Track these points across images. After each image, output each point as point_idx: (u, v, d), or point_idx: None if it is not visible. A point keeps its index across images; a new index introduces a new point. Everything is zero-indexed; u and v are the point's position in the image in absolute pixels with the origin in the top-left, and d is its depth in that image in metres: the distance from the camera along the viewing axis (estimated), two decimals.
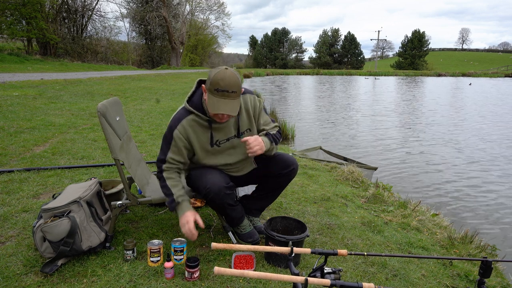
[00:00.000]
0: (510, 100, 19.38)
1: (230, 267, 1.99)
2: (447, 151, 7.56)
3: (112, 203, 2.10)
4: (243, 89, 2.04)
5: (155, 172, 2.73)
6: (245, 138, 1.96)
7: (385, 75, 57.82)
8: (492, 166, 6.50)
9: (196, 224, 1.96)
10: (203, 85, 1.94)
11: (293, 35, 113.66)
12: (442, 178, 5.75)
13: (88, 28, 31.49)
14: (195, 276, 1.84)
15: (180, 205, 1.98)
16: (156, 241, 1.98)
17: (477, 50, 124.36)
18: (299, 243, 2.04)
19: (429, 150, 7.62)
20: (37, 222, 1.92)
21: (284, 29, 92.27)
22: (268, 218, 2.32)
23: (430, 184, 5.46)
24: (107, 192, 2.43)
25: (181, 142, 1.99)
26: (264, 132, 2.14)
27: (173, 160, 2.02)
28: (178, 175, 2.07)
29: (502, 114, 13.47)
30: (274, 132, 2.17)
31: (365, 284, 1.39)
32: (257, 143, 1.95)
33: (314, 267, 1.58)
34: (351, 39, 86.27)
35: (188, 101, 2.02)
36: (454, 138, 8.89)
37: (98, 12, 31.86)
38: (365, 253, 1.67)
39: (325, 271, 1.54)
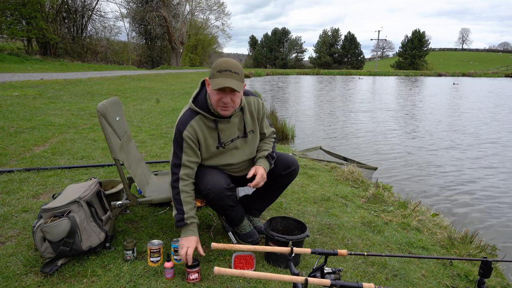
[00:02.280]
0: (509, 100, 19.39)
1: (230, 267, 1.99)
2: (447, 151, 7.56)
3: (112, 203, 2.10)
4: (245, 89, 2.05)
5: (156, 172, 2.74)
6: (254, 183, 2.02)
7: (385, 75, 57.84)
8: (492, 166, 6.49)
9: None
10: (206, 78, 1.94)
11: (293, 35, 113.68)
12: (442, 178, 5.75)
13: (88, 28, 31.54)
14: (191, 278, 1.82)
15: (188, 227, 1.93)
16: (156, 241, 1.98)
17: (477, 50, 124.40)
18: (299, 243, 2.04)
19: (429, 150, 7.62)
20: (37, 222, 1.92)
21: (284, 29, 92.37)
22: (268, 218, 2.32)
23: (430, 184, 5.46)
24: (107, 192, 2.43)
25: (193, 143, 1.97)
26: (265, 154, 2.15)
27: (189, 162, 1.97)
28: (192, 187, 2.01)
29: (502, 115, 13.47)
30: (271, 149, 2.20)
31: (365, 284, 1.39)
32: (263, 179, 2.04)
33: (314, 267, 1.58)
34: (351, 39, 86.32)
35: (193, 102, 2.01)
36: (454, 138, 8.89)
37: (98, 12, 31.91)
38: (365, 253, 1.67)
39: (325, 271, 1.54)
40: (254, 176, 2.05)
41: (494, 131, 9.89)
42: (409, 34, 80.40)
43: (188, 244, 1.86)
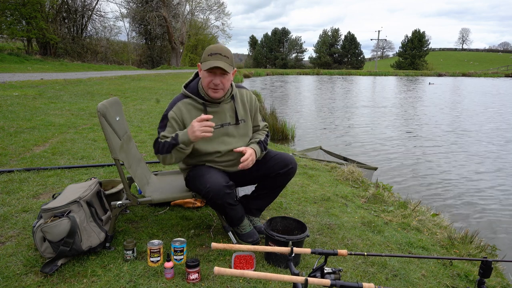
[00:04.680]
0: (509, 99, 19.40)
1: (230, 267, 1.99)
2: (447, 151, 7.56)
3: (112, 203, 2.09)
4: (238, 83, 2.20)
5: (156, 172, 2.74)
6: (240, 149, 2.05)
7: (385, 75, 57.84)
8: (492, 166, 6.50)
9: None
10: (198, 63, 2.04)
11: (293, 35, 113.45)
12: (442, 178, 5.75)
13: (88, 28, 31.56)
14: (191, 278, 1.83)
15: (180, 132, 1.98)
16: (156, 241, 1.98)
17: (477, 50, 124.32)
18: (299, 243, 2.04)
19: (429, 150, 7.63)
20: (37, 222, 1.92)
21: (284, 29, 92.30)
22: (268, 218, 2.32)
23: (430, 184, 5.46)
24: (107, 192, 2.42)
25: (175, 123, 2.05)
26: (257, 140, 2.21)
27: (165, 137, 2.05)
28: None
29: (503, 114, 13.46)
30: (264, 137, 2.26)
31: (365, 284, 1.39)
32: (252, 159, 2.06)
33: (314, 267, 1.58)
34: (351, 39, 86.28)
35: (185, 87, 2.14)
36: (453, 138, 8.89)
37: (98, 12, 31.93)
38: (365, 253, 1.67)
39: (325, 271, 1.54)
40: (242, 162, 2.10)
41: (494, 132, 9.89)
42: (409, 34, 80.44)
43: (192, 124, 1.89)
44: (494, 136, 9.25)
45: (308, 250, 1.63)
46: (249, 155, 2.04)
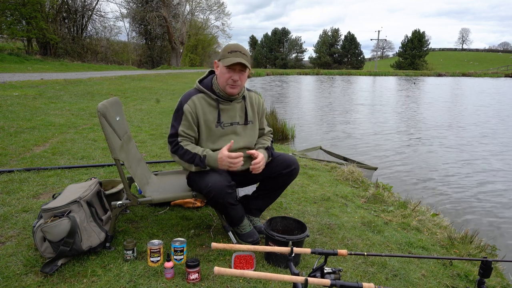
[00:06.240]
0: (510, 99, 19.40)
1: (230, 267, 1.99)
2: (447, 151, 7.56)
3: (112, 203, 2.09)
4: (246, 86, 2.23)
5: (156, 172, 2.74)
6: (251, 152, 2.09)
7: (385, 75, 57.82)
8: (492, 166, 6.49)
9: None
10: (215, 61, 2.10)
11: (293, 35, 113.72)
12: (442, 178, 5.75)
13: (88, 28, 31.55)
14: (191, 278, 1.83)
15: (208, 154, 2.02)
16: (156, 241, 1.98)
17: (477, 50, 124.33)
18: (299, 243, 2.04)
19: (429, 150, 7.62)
20: (37, 222, 1.92)
21: (284, 29, 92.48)
22: (268, 218, 2.32)
23: (430, 184, 5.46)
24: (107, 192, 2.43)
25: (191, 117, 2.06)
26: (265, 146, 2.25)
27: (185, 133, 2.07)
28: (194, 144, 2.12)
29: (504, 114, 13.46)
30: (269, 143, 2.31)
31: (365, 284, 1.39)
32: (262, 163, 2.10)
33: (314, 267, 1.58)
34: (351, 39, 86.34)
35: (199, 82, 2.16)
36: (453, 138, 8.89)
37: (98, 12, 31.91)
38: (365, 253, 1.67)
39: (325, 271, 1.54)
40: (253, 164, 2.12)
41: (495, 132, 9.89)
42: (409, 34, 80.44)
43: (222, 154, 1.96)
44: (494, 136, 9.25)
45: (308, 250, 1.63)
46: (261, 159, 2.09)
